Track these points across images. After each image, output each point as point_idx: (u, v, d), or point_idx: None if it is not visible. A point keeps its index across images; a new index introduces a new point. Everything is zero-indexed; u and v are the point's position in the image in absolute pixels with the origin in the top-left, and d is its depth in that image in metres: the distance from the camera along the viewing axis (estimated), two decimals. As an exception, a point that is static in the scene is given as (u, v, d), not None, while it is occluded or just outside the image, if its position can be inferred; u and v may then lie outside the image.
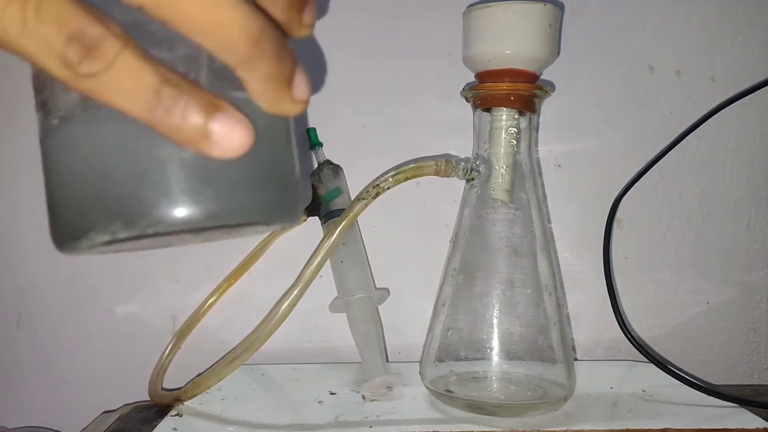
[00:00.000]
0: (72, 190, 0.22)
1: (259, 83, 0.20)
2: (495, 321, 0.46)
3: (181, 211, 0.21)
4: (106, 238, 0.21)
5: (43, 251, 0.56)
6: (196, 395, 0.47)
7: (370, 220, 0.56)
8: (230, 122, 0.20)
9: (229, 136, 0.20)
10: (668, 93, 0.58)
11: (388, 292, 0.57)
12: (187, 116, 0.19)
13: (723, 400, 0.46)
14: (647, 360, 0.50)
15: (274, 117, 0.22)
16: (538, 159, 0.57)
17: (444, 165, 0.46)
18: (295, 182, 0.25)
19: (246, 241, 0.56)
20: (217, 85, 0.21)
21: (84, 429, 0.49)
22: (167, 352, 0.54)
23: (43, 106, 0.22)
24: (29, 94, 0.23)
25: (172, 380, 0.53)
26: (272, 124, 0.23)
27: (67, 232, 0.23)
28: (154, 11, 0.18)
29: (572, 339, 0.58)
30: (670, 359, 0.59)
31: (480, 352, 0.46)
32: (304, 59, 0.22)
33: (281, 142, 0.24)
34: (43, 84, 0.22)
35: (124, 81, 0.18)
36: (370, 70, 0.57)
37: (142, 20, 0.19)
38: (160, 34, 0.20)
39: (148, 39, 0.20)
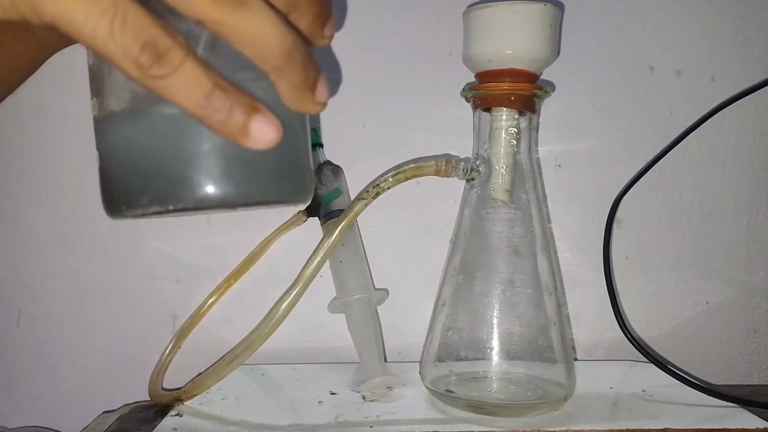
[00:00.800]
0: (126, 168, 0.27)
1: (288, 87, 0.25)
2: (495, 321, 0.46)
3: (217, 191, 0.26)
4: (155, 209, 0.26)
5: (43, 251, 0.56)
6: (196, 395, 0.47)
7: (370, 220, 0.56)
8: (265, 122, 0.24)
9: (263, 133, 0.24)
10: (668, 93, 0.58)
11: (387, 292, 0.57)
12: (231, 115, 0.23)
13: (723, 400, 0.46)
14: (647, 360, 0.50)
15: (296, 115, 0.27)
16: (538, 159, 0.57)
17: (444, 165, 0.46)
18: (309, 168, 0.30)
19: (246, 242, 0.56)
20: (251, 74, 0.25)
21: (84, 429, 0.49)
22: (167, 352, 0.54)
23: (100, 94, 0.27)
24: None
25: (172, 380, 0.54)
26: (294, 121, 0.28)
27: (120, 202, 0.27)
28: (213, 26, 0.22)
29: (572, 339, 0.58)
30: (670, 359, 0.59)
31: (480, 352, 0.46)
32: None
33: (301, 135, 0.29)
34: (104, 77, 0.26)
35: (185, 83, 0.22)
36: (370, 70, 0.57)
37: (195, 31, 0.24)
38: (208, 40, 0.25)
39: (194, 41, 0.24)
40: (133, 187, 0.26)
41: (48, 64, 0.55)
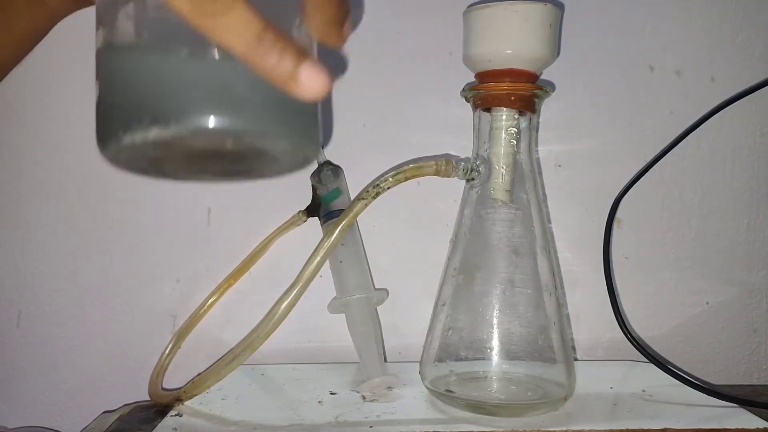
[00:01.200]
0: (127, 94, 0.25)
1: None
2: (495, 321, 0.46)
3: (220, 114, 0.24)
4: (156, 132, 0.24)
5: (43, 251, 0.56)
6: (196, 395, 0.47)
7: (370, 220, 0.56)
8: (315, 70, 0.24)
9: (312, 82, 0.24)
10: (668, 93, 0.58)
11: (387, 292, 0.57)
12: (282, 59, 0.23)
13: (723, 400, 0.46)
14: (647, 360, 0.50)
15: None
16: (538, 159, 0.57)
17: (444, 165, 0.46)
18: (316, 118, 0.29)
19: (246, 242, 0.56)
20: None
21: (84, 429, 0.49)
22: (167, 352, 0.54)
23: (107, 25, 0.26)
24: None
25: (172, 380, 0.54)
26: None
27: (117, 127, 0.25)
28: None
29: (572, 339, 0.58)
30: (670, 359, 0.59)
31: (480, 352, 0.46)
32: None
33: None
34: (114, 8, 0.26)
35: (237, 23, 0.22)
36: (370, 70, 0.57)
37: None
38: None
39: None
40: (134, 109, 0.25)
41: (49, 64, 0.55)
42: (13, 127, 0.56)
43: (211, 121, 0.24)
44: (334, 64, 0.27)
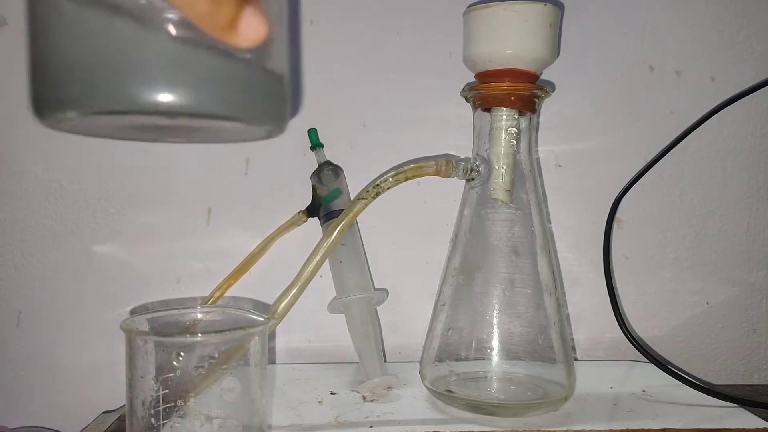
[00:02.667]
0: (61, 61, 0.23)
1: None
2: (495, 321, 0.46)
3: (154, 92, 0.22)
4: (82, 111, 0.23)
5: (43, 251, 0.56)
6: (195, 395, 0.47)
7: (370, 220, 0.56)
8: (255, 17, 0.22)
9: (252, 29, 0.22)
10: (668, 93, 0.58)
11: (387, 292, 0.57)
12: (219, 4, 0.21)
13: (723, 400, 0.46)
14: (647, 360, 0.50)
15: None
16: (538, 159, 0.57)
17: (444, 165, 0.46)
18: (279, 92, 0.26)
19: (246, 242, 0.56)
20: None
21: (84, 429, 0.49)
22: (167, 352, 0.54)
23: None
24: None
25: (172, 380, 0.53)
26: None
27: (49, 99, 0.23)
28: None
29: (572, 339, 0.58)
30: (670, 359, 0.59)
31: (480, 352, 0.46)
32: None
33: (270, 48, 0.25)
34: None
35: None
36: (370, 70, 0.57)
37: None
38: None
39: None
40: (64, 83, 0.23)
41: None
42: (13, 127, 0.56)
43: (156, 100, 0.22)
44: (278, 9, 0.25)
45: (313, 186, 0.55)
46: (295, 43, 0.56)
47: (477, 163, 0.47)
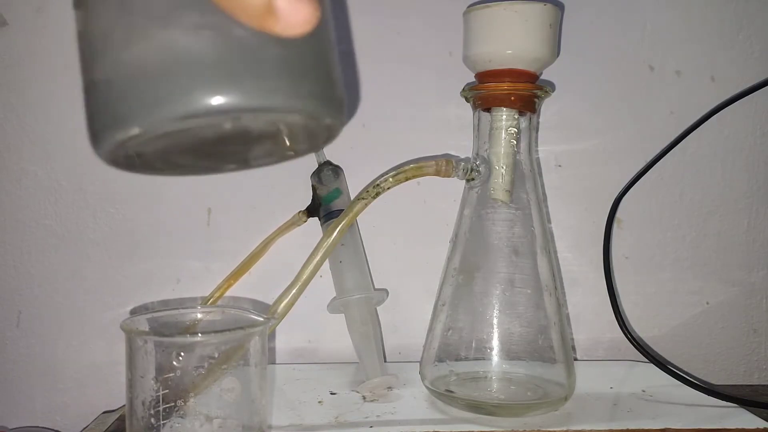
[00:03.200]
0: (119, 80, 0.22)
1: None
2: (495, 321, 0.46)
3: (217, 94, 0.20)
4: (137, 131, 0.21)
5: (43, 251, 0.56)
6: (195, 395, 0.47)
7: (370, 220, 0.56)
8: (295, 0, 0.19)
9: (294, 11, 0.19)
10: (668, 93, 0.58)
11: (387, 292, 0.57)
12: None
13: (723, 400, 0.46)
14: (647, 360, 0.50)
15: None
16: (538, 159, 0.57)
17: (444, 165, 0.46)
18: (331, 76, 0.24)
19: (246, 242, 0.56)
20: None
21: (84, 429, 0.49)
22: (167, 352, 0.54)
23: (82, 6, 0.22)
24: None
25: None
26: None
27: (110, 122, 0.22)
28: None
29: (572, 339, 0.58)
30: (670, 359, 0.59)
31: (480, 352, 0.46)
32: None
33: (324, 36, 0.23)
34: None
35: None
36: (370, 70, 0.57)
37: None
38: None
39: None
40: (122, 97, 0.21)
41: (50, 63, 0.55)
42: (13, 127, 0.56)
43: (205, 106, 0.21)
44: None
45: (313, 186, 0.55)
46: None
47: (477, 163, 0.47)
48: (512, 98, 0.46)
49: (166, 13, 0.21)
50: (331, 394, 0.48)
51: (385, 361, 0.56)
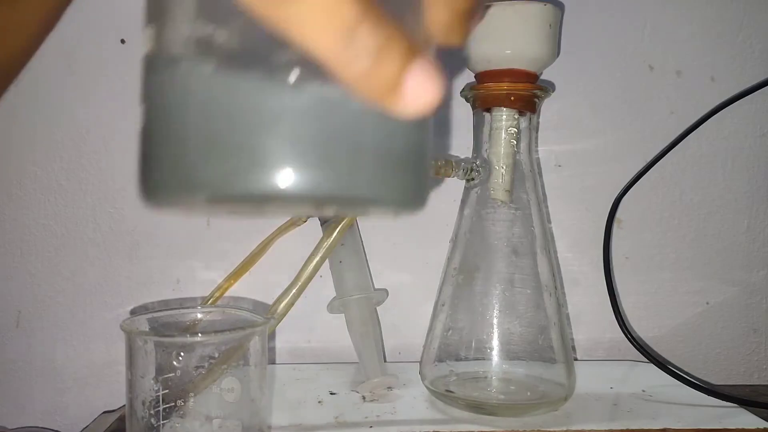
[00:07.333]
0: (177, 137, 0.19)
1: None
2: (495, 321, 0.46)
3: (298, 179, 0.18)
4: (205, 198, 0.19)
5: (43, 251, 0.56)
6: (196, 395, 0.47)
7: (370, 220, 0.56)
8: (426, 77, 0.17)
9: (421, 93, 0.17)
10: (668, 93, 0.58)
11: (387, 292, 0.57)
12: (380, 62, 0.16)
13: (723, 400, 0.46)
14: (647, 360, 0.50)
15: None
16: (538, 159, 0.57)
17: (444, 165, 0.46)
18: (426, 166, 0.22)
19: (246, 242, 0.56)
20: None
21: (84, 429, 0.49)
22: (167, 352, 0.54)
23: (157, 38, 0.19)
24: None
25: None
26: None
27: (163, 184, 0.19)
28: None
29: (572, 339, 0.58)
30: (670, 359, 0.59)
31: (480, 352, 0.46)
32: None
33: (428, 119, 0.21)
34: (163, 14, 0.19)
35: (317, 10, 0.16)
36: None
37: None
38: None
39: None
40: (181, 165, 0.19)
41: (48, 64, 0.55)
42: (14, 127, 0.56)
43: (277, 188, 0.18)
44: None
45: (313, 186, 0.54)
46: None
47: (477, 163, 0.47)
48: (512, 98, 0.46)
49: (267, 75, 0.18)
50: (331, 394, 0.48)
51: (385, 361, 0.56)
